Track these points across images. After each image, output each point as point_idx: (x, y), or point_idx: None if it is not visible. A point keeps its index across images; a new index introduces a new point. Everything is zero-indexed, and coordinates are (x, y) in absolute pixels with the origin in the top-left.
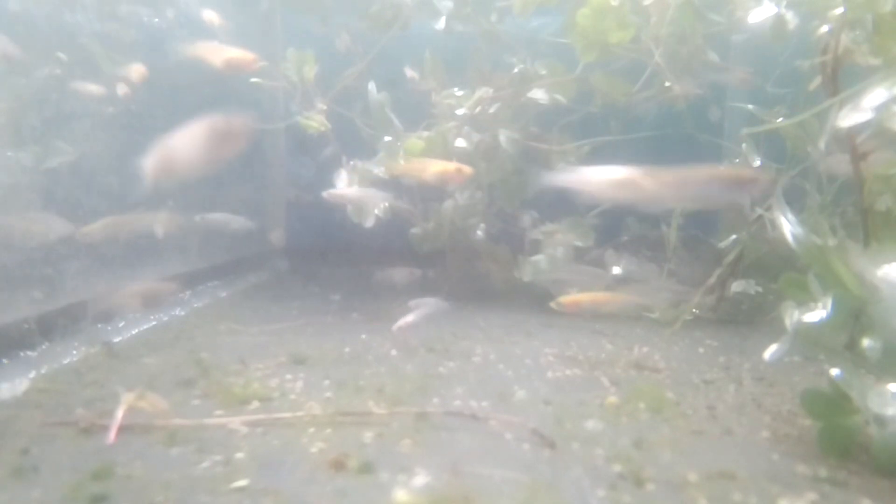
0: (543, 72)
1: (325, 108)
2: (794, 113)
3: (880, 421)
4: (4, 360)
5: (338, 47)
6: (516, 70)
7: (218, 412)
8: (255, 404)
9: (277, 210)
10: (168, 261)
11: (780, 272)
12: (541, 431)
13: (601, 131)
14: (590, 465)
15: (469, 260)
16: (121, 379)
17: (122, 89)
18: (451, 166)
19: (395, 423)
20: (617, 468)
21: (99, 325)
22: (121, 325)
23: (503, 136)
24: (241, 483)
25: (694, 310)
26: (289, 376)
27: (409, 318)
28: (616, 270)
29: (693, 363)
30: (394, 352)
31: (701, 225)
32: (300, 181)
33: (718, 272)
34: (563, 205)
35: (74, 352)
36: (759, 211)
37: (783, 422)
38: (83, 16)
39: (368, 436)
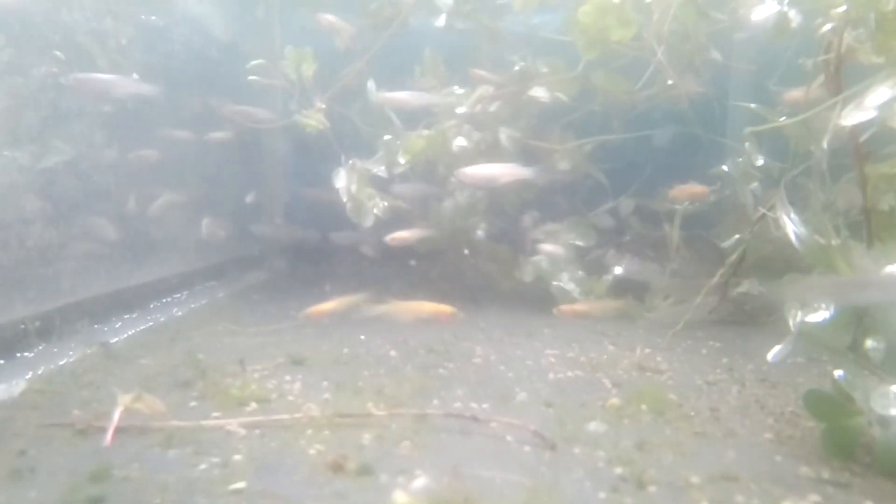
0: (544, 69)
1: (323, 106)
2: (797, 111)
3: (884, 422)
4: (1, 361)
5: (337, 45)
6: (517, 68)
7: (215, 414)
8: (253, 406)
9: (276, 209)
10: (166, 260)
11: (784, 272)
12: (542, 433)
13: (602, 129)
14: (591, 468)
15: (469, 260)
16: (117, 380)
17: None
18: None
19: (395, 424)
20: (619, 470)
21: (95, 326)
22: (117, 325)
23: (504, 135)
24: (239, 485)
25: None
26: (287, 377)
27: None
28: (618, 270)
29: (696, 364)
30: (393, 352)
31: (703, 224)
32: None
33: (721, 272)
34: (564, 204)
35: (71, 353)
36: (762, 210)
37: (786, 423)
38: (80, 14)
39: (367, 437)
